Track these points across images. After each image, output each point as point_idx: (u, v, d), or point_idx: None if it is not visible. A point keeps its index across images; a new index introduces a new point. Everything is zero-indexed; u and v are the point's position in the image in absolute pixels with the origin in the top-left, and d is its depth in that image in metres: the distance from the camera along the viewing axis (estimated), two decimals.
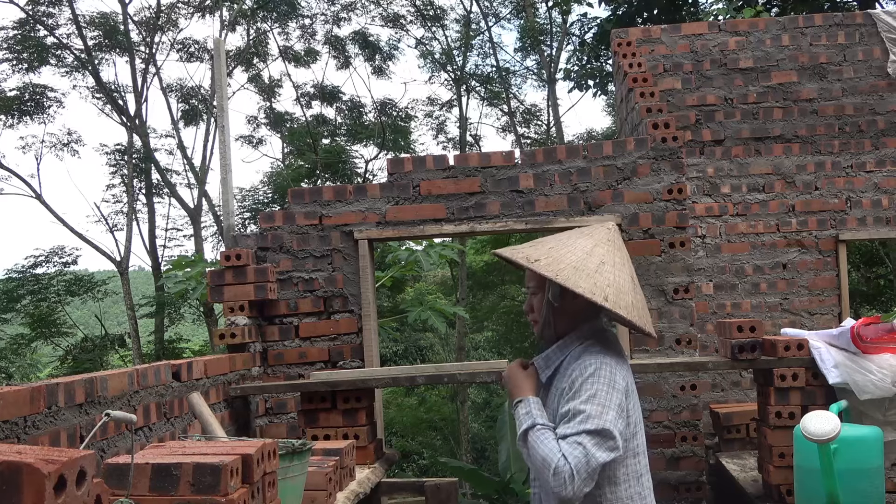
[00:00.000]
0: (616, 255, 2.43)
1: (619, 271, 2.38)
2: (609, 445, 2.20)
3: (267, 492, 2.36)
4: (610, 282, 2.34)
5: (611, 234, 2.49)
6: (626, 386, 2.33)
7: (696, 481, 4.68)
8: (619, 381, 2.30)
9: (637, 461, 2.36)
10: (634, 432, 2.35)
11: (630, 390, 2.36)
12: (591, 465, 2.17)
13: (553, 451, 2.21)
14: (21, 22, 18.28)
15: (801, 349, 3.88)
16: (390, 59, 21.67)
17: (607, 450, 2.20)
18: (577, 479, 2.16)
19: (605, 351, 2.35)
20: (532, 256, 2.39)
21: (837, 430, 3.21)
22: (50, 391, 2.46)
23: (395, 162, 4.96)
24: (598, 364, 2.30)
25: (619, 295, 2.33)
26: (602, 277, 2.33)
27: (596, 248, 2.41)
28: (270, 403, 4.86)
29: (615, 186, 4.78)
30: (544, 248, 2.42)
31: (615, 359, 2.36)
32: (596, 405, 2.23)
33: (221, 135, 5.10)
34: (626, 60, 5.80)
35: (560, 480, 2.17)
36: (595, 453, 2.18)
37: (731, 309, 6.04)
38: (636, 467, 2.35)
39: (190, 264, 6.53)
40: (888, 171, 6.09)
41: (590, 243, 2.43)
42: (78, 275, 19.37)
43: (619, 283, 2.35)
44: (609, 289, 2.32)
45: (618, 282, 2.35)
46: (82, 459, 1.40)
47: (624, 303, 2.32)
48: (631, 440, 2.34)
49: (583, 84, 15.75)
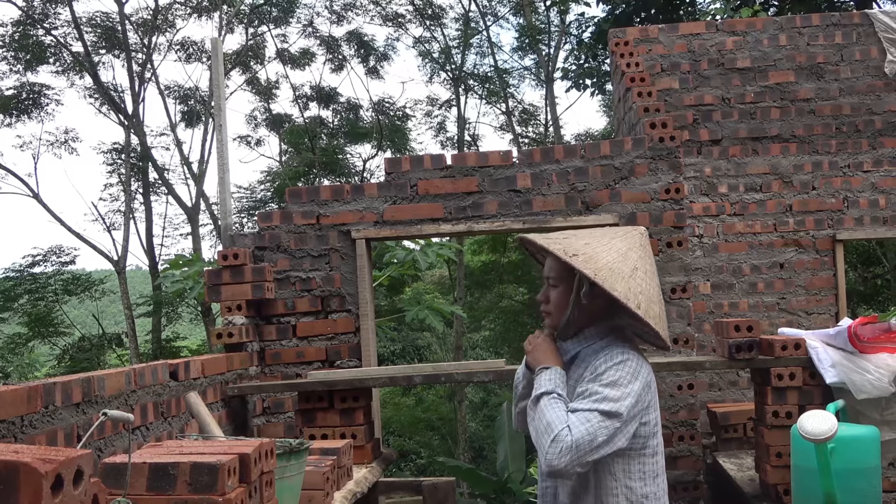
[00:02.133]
0: (647, 262, 2.44)
1: (650, 280, 2.40)
2: (618, 430, 2.21)
3: (264, 491, 2.36)
4: (642, 289, 2.35)
5: (643, 239, 2.49)
6: (650, 382, 2.34)
7: (693, 481, 4.69)
8: (644, 375, 2.31)
9: (655, 461, 2.36)
10: (654, 432, 2.35)
11: (653, 389, 2.36)
12: (593, 444, 2.18)
13: (560, 419, 2.21)
14: (19, 21, 18.26)
15: (799, 349, 3.89)
16: (385, 60, 21.67)
17: (615, 434, 2.20)
18: (574, 452, 2.17)
19: (631, 346, 2.38)
20: (570, 250, 2.36)
21: (834, 429, 3.21)
22: (47, 390, 2.45)
23: (392, 161, 4.96)
24: (626, 356, 2.31)
25: (650, 304, 2.34)
26: (635, 283, 2.34)
27: (630, 253, 2.40)
28: (268, 403, 4.86)
29: (613, 186, 4.78)
30: (579, 242, 2.39)
31: (640, 355, 2.38)
32: (615, 390, 2.24)
33: (219, 134, 5.10)
34: (624, 60, 5.80)
35: (557, 449, 2.18)
36: (601, 433, 2.19)
37: (728, 308, 6.05)
38: (653, 467, 2.35)
39: (187, 263, 6.53)
40: (885, 170, 6.10)
41: (624, 246, 2.41)
42: (75, 274, 19.35)
43: (649, 291, 2.37)
44: (641, 296, 2.33)
45: (648, 290, 2.37)
46: (79, 459, 1.40)
47: (653, 312, 2.34)
48: (651, 438, 2.34)
49: (580, 84, 15.77)
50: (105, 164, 20.38)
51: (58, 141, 19.88)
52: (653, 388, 2.36)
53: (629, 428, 2.26)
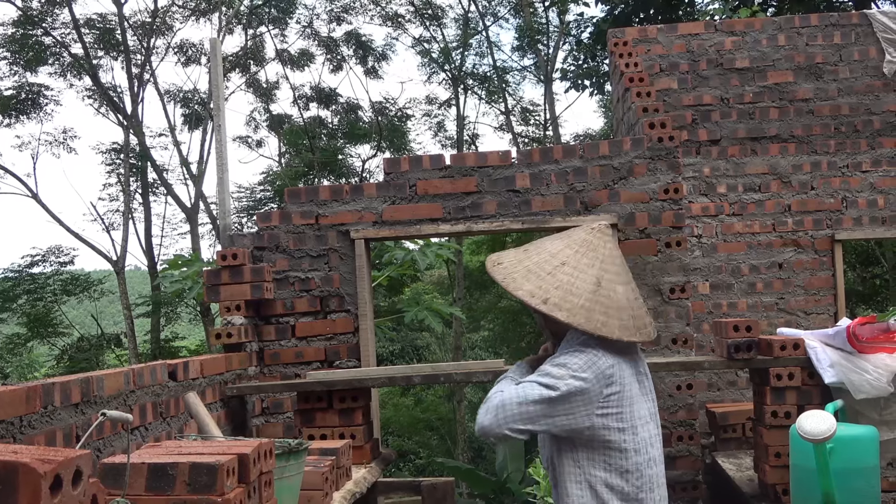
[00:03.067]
0: (586, 256, 2.41)
1: (578, 272, 2.37)
2: (552, 403, 2.24)
3: (263, 491, 2.36)
4: (560, 283, 2.34)
5: (591, 234, 2.47)
6: (612, 377, 2.31)
7: (692, 481, 4.69)
8: (601, 369, 2.29)
9: (625, 457, 2.33)
10: (623, 428, 2.33)
11: (620, 385, 2.33)
12: (522, 404, 2.24)
13: (499, 389, 2.33)
14: (18, 21, 18.24)
15: (797, 349, 3.89)
16: (384, 60, 21.67)
17: (547, 404, 2.25)
18: (500, 410, 2.24)
19: (602, 346, 2.34)
20: (497, 260, 2.45)
21: (833, 429, 3.21)
22: (46, 391, 2.45)
23: (391, 161, 4.96)
24: (585, 348, 2.33)
25: (566, 297, 2.32)
26: (554, 279, 2.34)
27: (564, 250, 2.42)
28: (267, 403, 4.86)
29: (611, 186, 4.78)
30: (519, 252, 2.45)
31: (611, 354, 2.34)
32: (560, 369, 2.29)
33: (218, 135, 5.10)
34: (623, 60, 5.80)
35: (485, 407, 2.28)
36: (531, 395, 2.24)
37: (727, 308, 6.05)
38: (623, 463, 2.33)
39: (186, 264, 6.52)
40: (884, 170, 6.11)
41: (560, 245, 2.44)
42: (74, 274, 19.33)
43: (571, 284, 2.34)
44: (555, 292, 2.32)
45: (570, 283, 2.34)
46: (78, 459, 1.40)
47: (568, 305, 2.30)
48: (618, 433, 2.32)
49: (579, 84, 15.77)
50: (104, 165, 20.38)
51: (56, 140, 19.88)
52: (620, 384, 2.33)
53: (572, 409, 2.26)
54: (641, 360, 2.50)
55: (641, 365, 2.48)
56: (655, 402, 2.50)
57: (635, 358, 2.46)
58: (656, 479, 2.40)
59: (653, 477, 2.38)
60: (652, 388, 2.52)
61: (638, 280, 4.73)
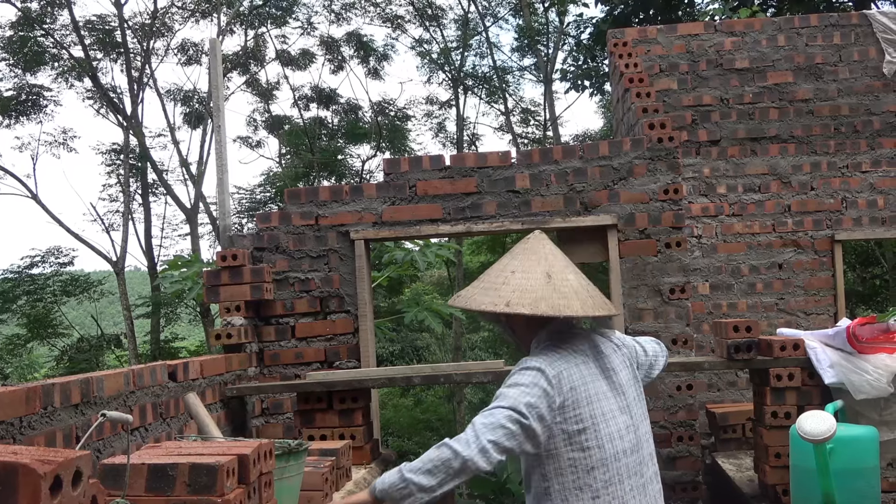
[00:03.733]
0: (530, 259, 2.62)
1: (528, 273, 2.57)
2: (518, 422, 2.36)
3: (263, 492, 2.36)
4: (515, 287, 2.53)
5: (528, 242, 2.70)
6: (562, 385, 2.43)
7: (692, 481, 4.69)
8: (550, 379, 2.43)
9: (588, 454, 2.43)
10: (583, 428, 2.43)
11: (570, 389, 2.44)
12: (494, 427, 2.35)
13: (452, 440, 2.39)
14: (18, 22, 18.25)
15: (797, 349, 3.89)
16: (385, 60, 21.67)
17: (515, 423, 2.36)
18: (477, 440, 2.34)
19: (549, 353, 2.51)
20: (456, 294, 2.68)
21: (833, 429, 3.21)
22: (46, 391, 2.45)
23: (391, 162, 4.96)
24: (530, 363, 2.48)
25: (523, 295, 2.49)
26: (508, 286, 2.54)
27: (511, 262, 2.64)
28: (267, 404, 4.86)
29: (611, 187, 4.78)
30: (473, 282, 2.67)
31: (558, 358, 2.49)
32: (512, 389, 2.43)
33: (217, 135, 5.10)
34: (623, 61, 5.80)
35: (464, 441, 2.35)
36: (499, 418, 2.36)
37: (727, 309, 6.05)
38: (587, 461, 2.43)
39: (186, 264, 6.51)
40: (884, 171, 6.11)
41: (506, 259, 2.67)
42: (74, 275, 19.33)
43: (525, 284, 2.53)
44: (513, 294, 2.51)
45: (524, 284, 2.54)
46: (78, 460, 1.40)
47: (528, 300, 2.48)
48: (578, 434, 2.43)
49: (579, 84, 15.78)
50: (104, 165, 20.38)
51: (56, 141, 19.88)
52: (572, 388, 2.45)
53: (532, 424, 2.37)
54: (613, 356, 2.61)
55: (612, 360, 2.59)
56: (634, 394, 2.59)
57: (602, 355, 2.58)
58: (626, 470, 2.48)
59: (621, 468, 2.47)
60: (629, 380, 2.61)
61: (638, 280, 4.73)
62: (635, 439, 2.53)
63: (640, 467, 2.53)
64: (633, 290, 4.75)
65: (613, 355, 2.62)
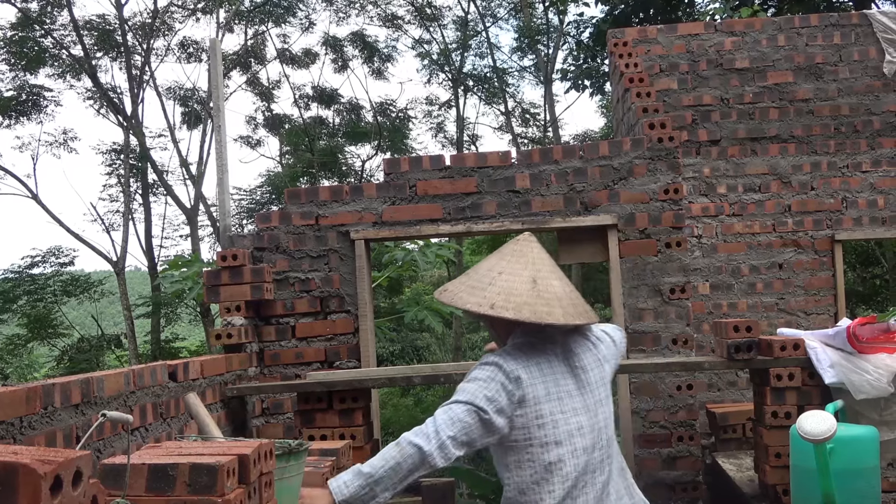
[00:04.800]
0: (518, 262, 2.68)
1: (514, 276, 2.63)
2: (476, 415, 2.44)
3: (263, 492, 2.36)
4: (501, 289, 2.59)
5: (517, 244, 2.75)
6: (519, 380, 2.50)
7: (692, 481, 4.69)
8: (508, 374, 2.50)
9: (545, 450, 2.49)
10: (539, 424, 2.50)
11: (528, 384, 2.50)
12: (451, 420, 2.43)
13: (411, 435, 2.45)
14: (18, 22, 18.25)
15: (798, 349, 3.89)
16: (389, 61, 21.67)
17: (473, 416, 2.44)
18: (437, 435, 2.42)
19: (516, 350, 2.59)
20: (443, 288, 2.75)
21: (833, 429, 3.21)
22: (46, 392, 2.45)
23: (391, 162, 4.96)
24: (489, 359, 2.56)
25: (508, 298, 2.56)
26: (495, 287, 2.61)
27: (499, 263, 2.70)
28: (267, 404, 4.86)
29: (611, 186, 4.78)
30: (461, 277, 2.73)
31: (523, 356, 2.56)
32: (471, 384, 2.50)
33: (217, 135, 5.10)
34: (623, 61, 5.80)
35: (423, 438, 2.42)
36: (458, 412, 2.44)
37: (727, 309, 6.05)
38: (544, 456, 2.49)
39: (186, 264, 6.52)
40: (884, 171, 6.11)
41: (494, 260, 2.73)
42: (74, 275, 19.33)
43: (510, 287, 2.59)
44: (498, 297, 2.57)
45: (509, 287, 2.59)
46: (78, 460, 1.40)
47: (512, 304, 2.54)
48: (536, 429, 2.49)
49: (579, 84, 15.78)
50: (104, 165, 20.39)
51: (56, 141, 19.88)
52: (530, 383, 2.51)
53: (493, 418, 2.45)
54: (586, 354, 2.67)
55: (583, 359, 2.65)
56: (602, 393, 2.65)
57: (572, 353, 2.65)
58: (585, 468, 2.53)
59: (578, 466, 2.51)
60: (599, 379, 2.67)
61: (638, 280, 4.73)
62: (597, 438, 2.59)
63: (601, 465, 2.58)
64: (634, 290, 4.75)
65: (586, 354, 2.68)
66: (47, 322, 17.86)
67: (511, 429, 2.49)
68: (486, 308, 2.55)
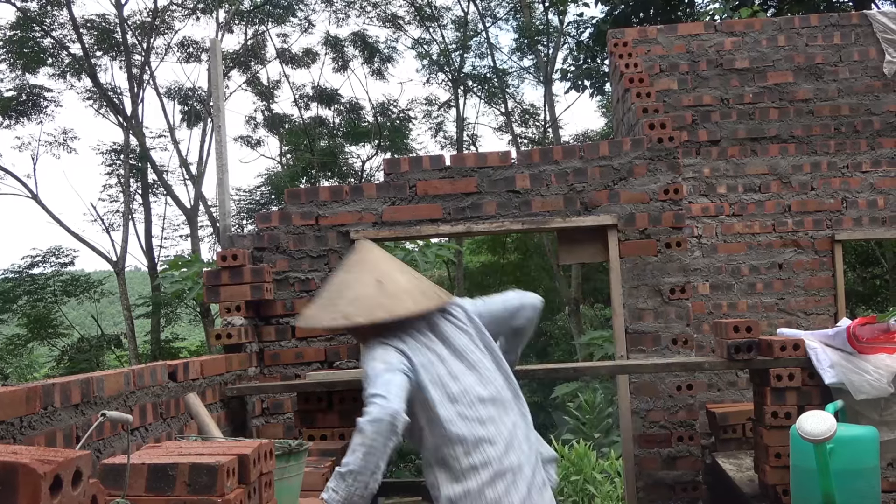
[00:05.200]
0: (361, 270, 2.91)
1: (360, 284, 2.86)
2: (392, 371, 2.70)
3: (263, 492, 2.36)
4: (350, 299, 2.82)
5: (358, 253, 2.99)
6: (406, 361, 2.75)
7: (692, 481, 4.69)
8: (391, 360, 2.74)
9: (451, 421, 2.74)
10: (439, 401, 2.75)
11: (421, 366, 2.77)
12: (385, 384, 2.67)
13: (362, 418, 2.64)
14: (18, 22, 18.24)
15: (798, 349, 3.89)
16: (389, 61, 21.68)
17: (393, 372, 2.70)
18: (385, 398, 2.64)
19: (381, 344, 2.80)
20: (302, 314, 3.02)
21: (833, 430, 3.21)
22: (46, 391, 2.45)
23: (391, 162, 4.96)
24: (368, 352, 2.80)
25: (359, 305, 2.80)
26: (343, 300, 2.84)
27: (345, 276, 2.93)
28: (267, 404, 4.86)
29: (611, 187, 4.78)
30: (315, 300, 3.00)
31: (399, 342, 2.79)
32: (376, 362, 2.74)
33: (217, 135, 5.10)
34: (623, 61, 5.80)
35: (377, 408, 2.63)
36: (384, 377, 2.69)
37: (727, 309, 6.05)
38: (447, 431, 2.74)
39: (186, 264, 6.53)
40: (884, 171, 6.11)
41: (340, 275, 2.95)
42: (74, 275, 19.35)
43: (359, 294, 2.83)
44: (349, 307, 2.81)
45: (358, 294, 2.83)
46: (78, 460, 1.40)
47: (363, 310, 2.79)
48: (437, 408, 2.75)
49: (579, 84, 15.78)
50: (104, 165, 20.40)
51: (56, 141, 19.89)
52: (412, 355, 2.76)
53: (408, 371, 2.73)
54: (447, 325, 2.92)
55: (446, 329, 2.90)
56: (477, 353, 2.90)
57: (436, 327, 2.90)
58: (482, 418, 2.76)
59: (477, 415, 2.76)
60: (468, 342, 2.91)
61: (638, 280, 4.73)
62: (490, 391, 2.83)
63: (501, 415, 2.81)
64: (634, 290, 4.75)
65: (447, 325, 2.92)
66: (47, 322, 17.88)
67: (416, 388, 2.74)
68: (340, 320, 2.79)
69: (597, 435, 10.09)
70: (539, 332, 19.44)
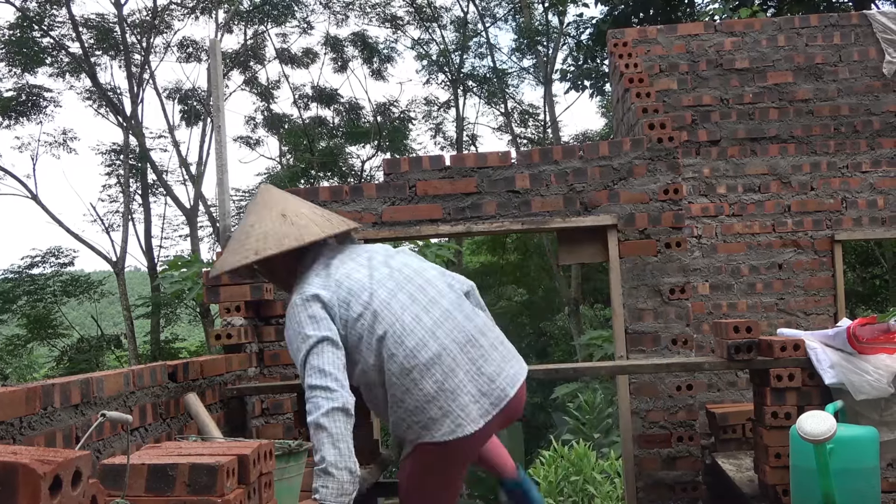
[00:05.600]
0: (263, 209, 2.94)
1: (264, 221, 2.90)
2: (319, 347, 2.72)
3: (263, 493, 2.35)
4: (258, 236, 2.86)
5: (259, 196, 3.03)
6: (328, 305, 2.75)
7: (692, 481, 4.69)
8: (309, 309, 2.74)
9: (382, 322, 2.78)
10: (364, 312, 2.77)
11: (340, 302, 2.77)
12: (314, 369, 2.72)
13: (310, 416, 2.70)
14: (17, 22, 18.24)
15: (798, 350, 3.88)
16: (388, 61, 21.68)
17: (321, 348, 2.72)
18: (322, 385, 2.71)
19: (310, 275, 2.83)
20: (214, 265, 3.16)
21: (833, 430, 3.21)
22: (46, 392, 2.45)
23: (391, 162, 4.96)
24: (295, 300, 2.80)
25: (267, 240, 2.84)
26: (252, 238, 2.87)
27: (248, 218, 2.96)
28: (267, 404, 4.86)
29: (611, 187, 4.78)
30: (226, 247, 3.10)
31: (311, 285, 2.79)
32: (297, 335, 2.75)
33: (217, 135, 5.09)
34: (623, 61, 5.80)
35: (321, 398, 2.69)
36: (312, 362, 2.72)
37: (727, 309, 6.05)
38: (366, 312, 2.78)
39: (186, 264, 6.52)
40: (884, 171, 6.11)
41: (246, 218, 2.99)
42: (74, 275, 19.35)
43: (265, 230, 2.87)
44: (258, 243, 2.84)
45: (265, 230, 2.87)
46: (78, 460, 1.40)
47: (272, 242, 2.82)
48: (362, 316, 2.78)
49: (579, 85, 15.79)
50: (104, 166, 20.41)
51: (56, 141, 19.89)
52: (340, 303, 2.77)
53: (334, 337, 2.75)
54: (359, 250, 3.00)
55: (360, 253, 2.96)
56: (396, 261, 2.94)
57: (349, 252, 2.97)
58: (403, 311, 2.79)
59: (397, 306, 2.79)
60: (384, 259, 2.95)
61: (638, 280, 4.73)
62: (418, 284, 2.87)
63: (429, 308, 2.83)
64: (633, 290, 4.75)
65: (359, 250, 2.99)
66: (47, 322, 17.88)
67: (347, 328, 2.75)
68: (252, 256, 2.81)
69: (597, 435, 10.09)
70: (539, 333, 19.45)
